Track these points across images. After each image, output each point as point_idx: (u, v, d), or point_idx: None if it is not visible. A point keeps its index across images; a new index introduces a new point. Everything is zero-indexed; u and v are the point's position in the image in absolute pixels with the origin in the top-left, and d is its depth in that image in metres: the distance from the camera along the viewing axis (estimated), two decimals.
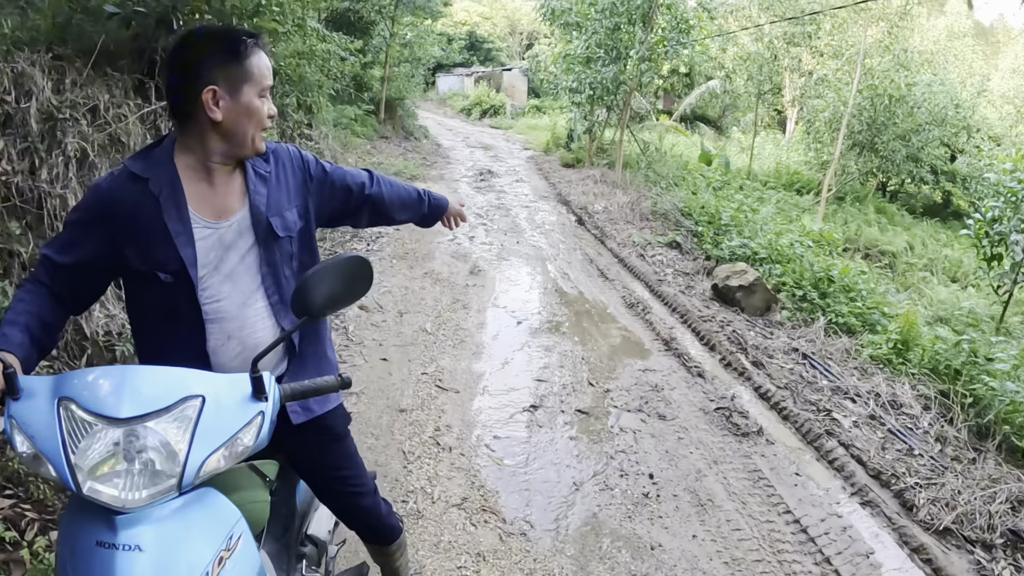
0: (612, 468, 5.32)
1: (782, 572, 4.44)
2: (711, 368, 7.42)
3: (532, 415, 6.00)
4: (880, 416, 6.57)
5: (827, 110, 21.88)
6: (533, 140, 27.66)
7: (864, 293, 9.57)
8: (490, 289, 9.22)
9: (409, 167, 17.80)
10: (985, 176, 11.17)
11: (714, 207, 13.23)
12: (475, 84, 43.33)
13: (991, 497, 5.40)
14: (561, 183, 18.22)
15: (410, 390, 6.14)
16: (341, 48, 13.57)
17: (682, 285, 10.05)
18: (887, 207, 23.19)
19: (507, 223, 13.32)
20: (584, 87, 19.24)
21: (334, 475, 2.70)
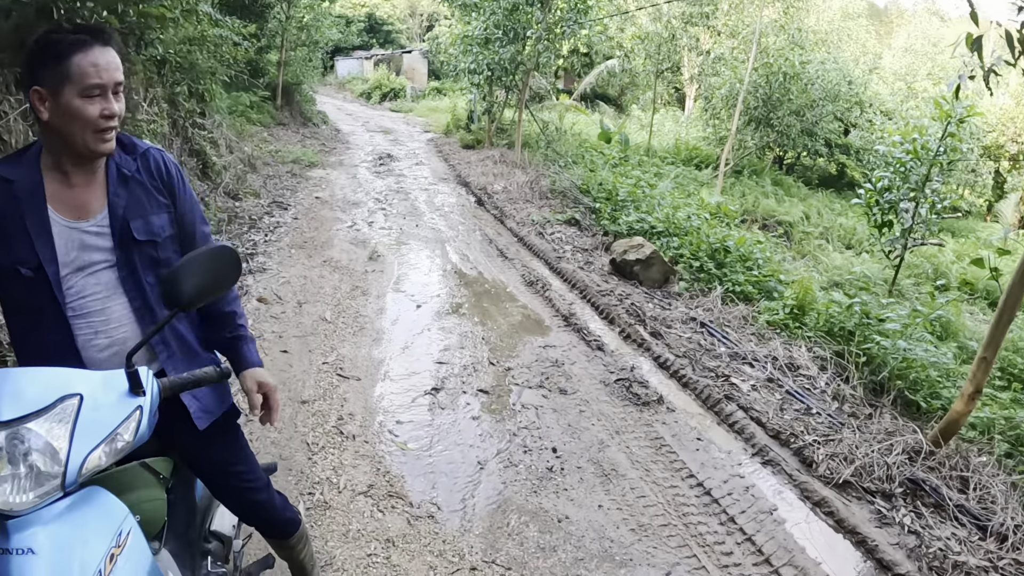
0: (515, 445, 5.33)
1: (688, 534, 4.52)
2: (611, 341, 7.45)
3: (434, 398, 5.97)
4: (778, 379, 6.70)
5: (724, 87, 22.32)
6: (433, 123, 27.49)
7: (760, 262, 9.75)
8: (389, 274, 9.10)
9: (307, 154, 17.46)
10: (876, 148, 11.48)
11: (612, 184, 13.32)
12: (375, 67, 42.79)
13: (888, 449, 5.60)
14: (461, 165, 18.18)
15: (311, 380, 6.03)
16: (235, 33, 13.12)
17: (581, 261, 10.08)
18: (784, 179, 23.76)
19: (406, 207, 13.18)
20: (483, 68, 19.15)
21: (228, 471, 2.68)
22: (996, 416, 6.51)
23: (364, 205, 12.95)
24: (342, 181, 15.21)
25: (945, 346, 8.04)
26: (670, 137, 26.70)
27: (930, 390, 6.75)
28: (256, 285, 7.88)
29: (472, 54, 19.49)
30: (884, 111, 25.48)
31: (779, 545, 4.55)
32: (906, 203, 10.25)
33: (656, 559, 4.28)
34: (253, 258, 8.68)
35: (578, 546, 4.28)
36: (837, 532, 4.83)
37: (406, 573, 3.91)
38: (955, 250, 17.55)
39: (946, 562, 4.55)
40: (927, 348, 7.18)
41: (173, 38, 9.36)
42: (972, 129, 23.11)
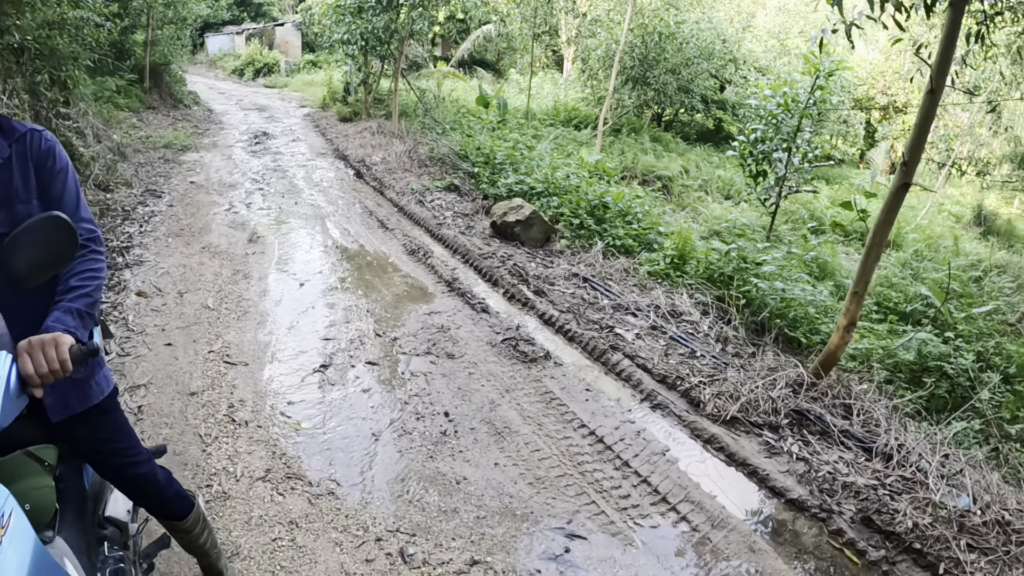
0: (408, 413, 5.37)
1: (585, 482, 4.63)
2: (495, 303, 7.49)
3: (323, 375, 5.92)
4: (661, 326, 6.81)
5: (600, 48, 22.52)
6: (310, 97, 27.01)
7: (640, 216, 9.89)
8: (270, 255, 8.92)
9: (180, 137, 16.91)
10: (749, 102, 11.73)
11: (489, 148, 13.31)
12: (247, 42, 41.60)
13: (772, 384, 5.80)
14: (338, 138, 17.96)
15: (198, 371, 5.87)
16: (96, 13, 12.57)
17: (462, 226, 10.08)
18: (663, 136, 24.05)
19: (284, 185, 12.92)
20: (356, 38, 18.78)
21: (107, 448, 2.64)
22: (874, 346, 6.75)
23: (241, 186, 12.63)
24: (217, 163, 14.80)
25: (822, 285, 8.28)
26: (549, 99, 26.75)
27: (809, 326, 6.95)
28: (134, 279, 7.60)
29: (345, 24, 19.08)
30: (758, 68, 26.01)
31: (674, 483, 4.69)
32: (779, 153, 10.51)
33: (556, 509, 4.37)
34: (129, 251, 8.36)
35: (479, 505, 4.36)
36: (729, 466, 5.00)
37: (313, 552, 3.90)
38: (829, 196, 18.15)
39: (835, 484, 4.75)
40: (804, 288, 7.39)
41: (31, 23, 8.92)
42: (843, 83, 23.84)
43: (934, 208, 21.40)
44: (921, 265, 11.52)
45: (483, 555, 3.98)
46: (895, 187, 5.42)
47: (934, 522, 4.37)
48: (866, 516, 4.47)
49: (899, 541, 4.30)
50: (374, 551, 3.94)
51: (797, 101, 10.22)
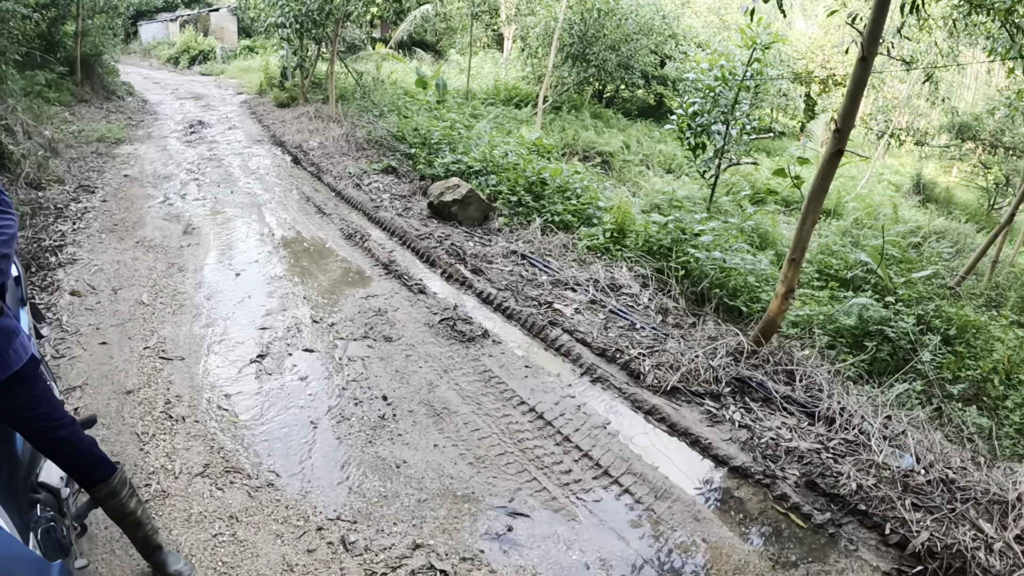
0: (346, 399, 5.35)
1: (526, 459, 4.65)
2: (433, 284, 7.47)
3: (260, 365, 5.86)
4: (601, 300, 6.82)
5: (539, 26, 22.44)
6: (246, 83, 26.58)
7: (579, 191, 9.87)
8: (206, 246, 8.78)
9: (113, 130, 16.54)
10: (686, 76, 11.78)
11: (426, 128, 13.26)
12: (181, 29, 40.87)
13: (712, 353, 5.82)
14: (275, 124, 17.74)
15: (134, 369, 5.74)
16: (23, 5, 12.22)
17: (399, 208, 10.02)
18: (603, 112, 24.18)
19: (220, 174, 12.71)
20: (291, 21, 18.51)
21: (28, 415, 2.82)
22: (816, 313, 6.77)
23: (176, 178, 12.40)
24: (152, 155, 14.51)
25: (763, 255, 8.30)
26: (490, 79, 26.65)
27: (749, 295, 6.98)
28: (67, 278, 7.41)
29: (279, 6, 18.83)
30: (698, 43, 26.09)
31: (616, 456, 4.71)
32: (717, 126, 10.55)
33: (497, 488, 4.39)
34: (62, 250, 8.14)
35: (419, 488, 4.38)
36: (671, 436, 5.03)
37: (254, 546, 3.86)
38: (770, 167, 18.23)
39: (779, 449, 4.78)
40: (744, 257, 7.40)
41: None
42: (781, 56, 24.02)
43: (874, 178, 21.71)
44: (861, 233, 11.63)
45: (425, 538, 3.96)
46: (828, 153, 5.45)
47: (878, 483, 4.42)
48: (810, 480, 4.50)
49: (844, 503, 4.34)
50: (315, 541, 3.91)
51: (734, 74, 10.27)
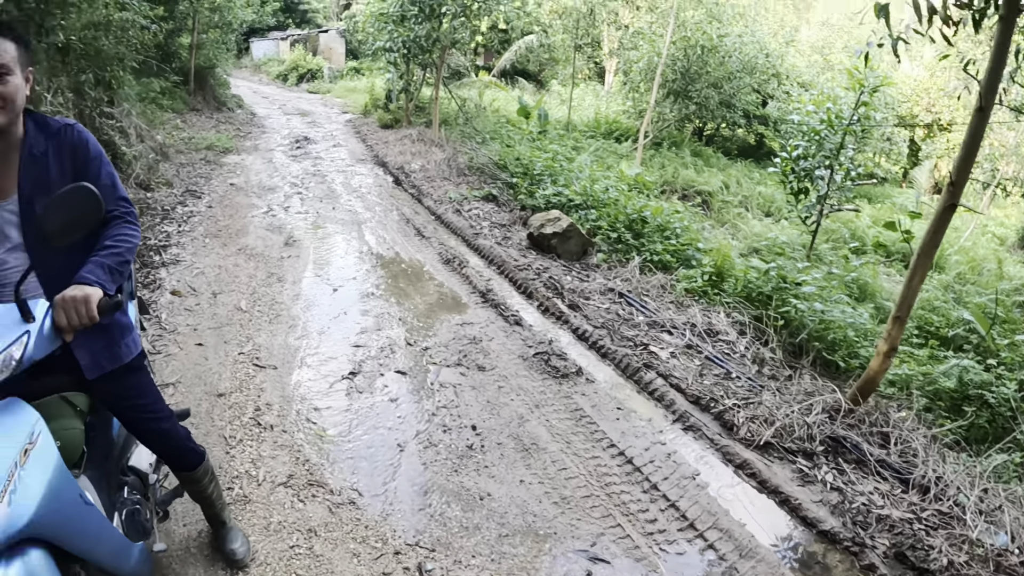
0: (435, 424, 5.29)
1: (611, 504, 4.54)
2: (529, 316, 7.42)
3: (351, 382, 5.86)
4: (697, 345, 6.72)
5: (642, 61, 22.36)
6: (352, 103, 27.07)
7: (678, 231, 9.79)
8: (305, 259, 8.91)
9: (222, 140, 17.04)
10: (791, 118, 11.65)
11: (528, 158, 13.28)
12: (291, 48, 41.99)
13: (808, 409, 5.65)
14: (379, 145, 17.95)
15: (227, 372, 5.85)
16: (142, 16, 12.68)
17: (498, 237, 10.03)
18: (703, 150, 23.88)
19: (323, 190, 12.94)
20: (399, 46, 18.87)
21: (129, 404, 2.94)
22: (914, 372, 6.60)
23: (280, 190, 12.67)
24: (258, 166, 14.87)
25: (862, 307, 8.14)
26: (590, 111, 26.70)
27: (848, 350, 6.82)
28: (170, 278, 7.63)
29: (388, 32, 19.20)
30: (801, 83, 25.75)
31: (703, 509, 4.59)
32: (821, 170, 10.40)
33: (580, 531, 4.29)
34: (166, 250, 8.40)
35: (501, 523, 4.28)
36: (760, 493, 4.88)
37: (330, 562, 3.86)
38: (871, 215, 17.91)
39: (870, 516, 4.62)
40: (844, 310, 7.27)
41: (76, 23, 8.98)
42: (887, 99, 23.57)
43: (978, 229, 21.06)
44: (964, 288, 11.29)
45: (503, 575, 3.92)
46: (942, 207, 5.29)
47: (970, 560, 4.25)
48: (900, 551, 4.35)
49: None
50: (392, 564, 3.89)
51: (840, 117, 10.12)
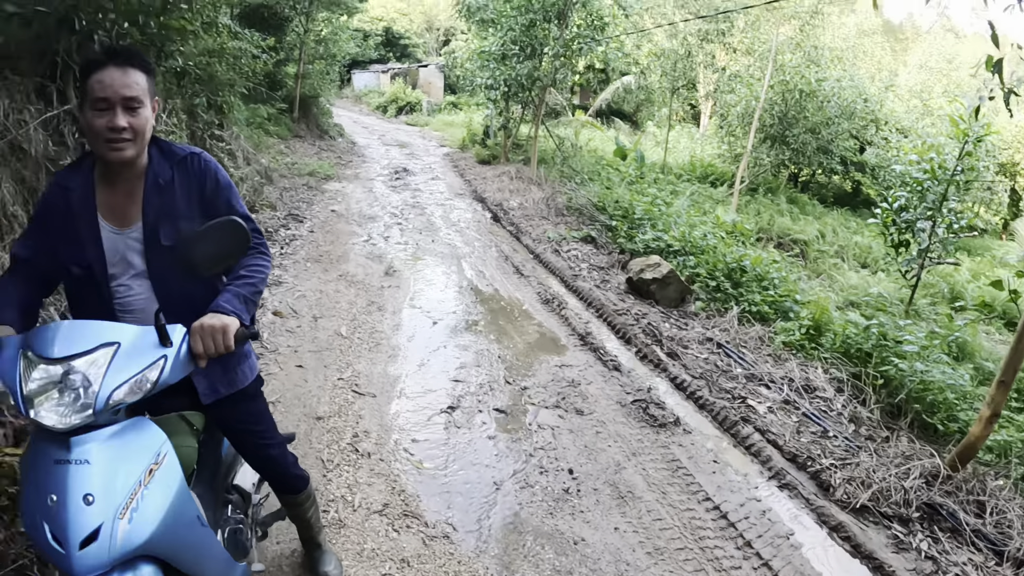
0: (532, 465, 5.29)
1: (704, 558, 4.48)
2: (627, 361, 7.41)
3: (450, 416, 5.92)
4: (795, 400, 6.66)
5: (740, 105, 22.23)
6: (449, 137, 27.46)
7: (776, 281, 9.74)
8: (405, 290, 9.06)
9: (324, 167, 17.51)
10: (892, 167, 11.51)
11: (628, 201, 13.28)
12: (391, 81, 42.87)
13: (905, 473, 5.56)
14: (477, 180, 18.12)
15: (326, 396, 5.99)
16: (254, 46, 13.21)
17: (597, 279, 10.03)
18: (799, 197, 23.57)
19: (422, 222, 13.15)
20: (499, 84, 19.17)
21: (246, 429, 3.07)
22: (1013, 439, 6.47)
23: (380, 219, 12.94)
24: (358, 194, 15.21)
25: (962, 368, 8.00)
26: (685, 154, 26.65)
27: (947, 413, 6.71)
28: (272, 299, 7.88)
29: (489, 70, 19.51)
30: (900, 129, 25.28)
31: (796, 571, 4.52)
32: (923, 222, 10.26)
33: None
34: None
35: (594, 569, 4.24)
36: (854, 557, 4.80)
37: None
38: (971, 269, 17.50)
39: None
40: (944, 370, 7.14)
41: (193, 50, 9.36)
42: (988, 147, 23.00)
43: None
44: None
45: None
46: None
47: None
48: None
49: None
50: None
51: (944, 168, 9.98)
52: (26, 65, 6.04)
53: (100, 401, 2.14)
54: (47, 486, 2.08)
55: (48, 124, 6.05)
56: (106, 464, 2.14)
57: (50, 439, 2.16)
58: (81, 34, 6.26)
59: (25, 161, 5.66)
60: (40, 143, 5.82)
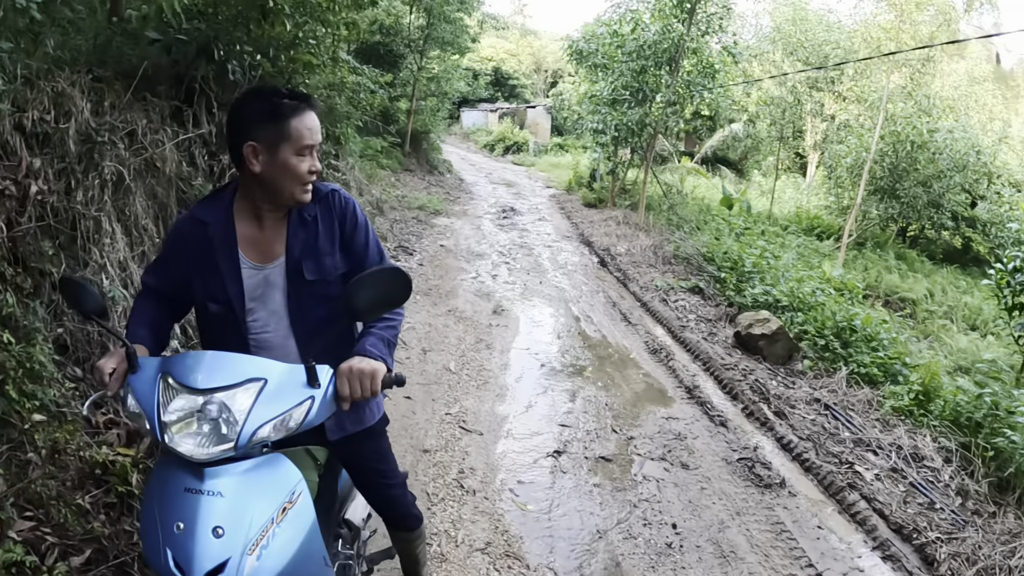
0: (635, 517, 5.28)
1: None
2: (734, 417, 7.40)
3: (556, 461, 5.97)
4: (902, 469, 6.58)
5: (850, 156, 21.85)
6: (555, 178, 27.68)
7: (886, 342, 9.56)
8: (513, 329, 9.22)
9: (433, 201, 17.91)
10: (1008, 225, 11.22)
11: (737, 253, 13.23)
12: (499, 120, 43.49)
13: (1011, 552, 5.44)
14: (583, 223, 18.21)
15: (434, 430, 6.15)
16: (371, 81, 13.72)
17: (704, 332, 10.03)
18: (907, 253, 22.98)
19: (530, 262, 13.35)
20: (609, 128, 19.35)
21: (368, 467, 3.09)
22: None
23: (488, 257, 13.18)
24: (466, 231, 15.50)
25: None
26: (791, 204, 26.42)
27: None
28: None
29: (600, 114, 19.71)
30: (1013, 183, 24.47)
31: None
32: None
33: None
34: None
35: None
36: None
37: None
38: None
39: None
40: None
41: (317, 83, 9.78)
42: None
43: None
44: None
45: None
46: None
47: None
48: None
49: None
50: None
51: None
52: (164, 89, 6.48)
53: (244, 437, 2.17)
54: (174, 512, 2.10)
55: (180, 145, 6.47)
56: (239, 498, 2.15)
57: (181, 466, 2.19)
58: (217, 63, 6.77)
59: (158, 178, 6.02)
60: (173, 163, 6.20)
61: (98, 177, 5.18)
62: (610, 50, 19.22)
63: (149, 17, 6.19)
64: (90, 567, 3.53)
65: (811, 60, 26.21)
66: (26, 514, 3.62)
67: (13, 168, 4.52)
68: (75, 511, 3.77)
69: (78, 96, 5.21)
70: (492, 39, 53.86)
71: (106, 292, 4.92)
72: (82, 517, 3.79)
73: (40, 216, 4.65)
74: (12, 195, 4.45)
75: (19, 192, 4.50)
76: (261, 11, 7.01)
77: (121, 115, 5.61)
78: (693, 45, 17.94)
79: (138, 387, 2.31)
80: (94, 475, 4.05)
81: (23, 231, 4.47)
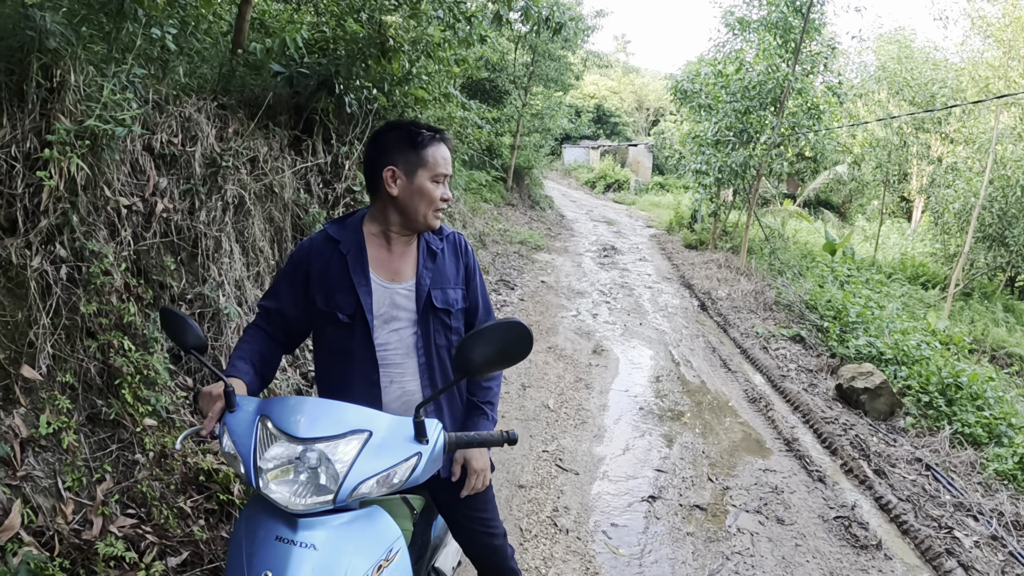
0: (728, 569, 5.20)
1: None
2: (832, 473, 7.24)
3: (650, 506, 5.93)
4: (1002, 537, 6.35)
5: (957, 200, 21.28)
6: (656, 218, 27.70)
7: (992, 401, 9.25)
8: (613, 370, 9.22)
9: (534, 236, 18.05)
10: None
11: (841, 302, 12.98)
12: (600, 157, 43.73)
13: None
14: (684, 265, 18.17)
15: (530, 466, 6.18)
16: (478, 116, 13.99)
17: (805, 382, 9.85)
18: (1016, 305, 22.05)
19: (630, 303, 13.35)
20: (712, 170, 19.29)
21: (471, 515, 3.02)
22: None
23: (588, 296, 13.23)
24: (567, 268, 15.57)
25: None
26: (895, 251, 25.83)
27: None
28: None
29: (704, 155, 19.66)
30: None
31: None
32: None
33: None
34: None
35: None
36: None
37: None
38: None
39: None
40: None
41: (428, 117, 10.03)
42: None
43: None
44: None
45: None
46: None
47: None
48: None
49: None
50: None
51: None
52: (284, 119, 6.87)
53: (344, 491, 2.08)
54: (263, 560, 2.03)
55: (298, 173, 6.82)
56: (333, 553, 2.06)
57: (274, 513, 2.13)
58: (336, 97, 7.11)
59: (276, 203, 6.37)
60: (291, 189, 6.56)
61: (221, 199, 5.52)
62: (714, 90, 19.27)
63: (272, 50, 6.52)
64: (186, 568, 3.70)
65: (917, 100, 25.52)
66: (128, 511, 3.84)
67: (141, 186, 4.85)
68: (176, 513, 3.97)
69: (204, 121, 5.57)
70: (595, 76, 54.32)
71: (222, 308, 5.22)
72: (182, 520, 3.99)
73: (164, 232, 4.96)
74: (139, 211, 4.77)
75: (146, 209, 4.83)
76: (380, 48, 7.29)
77: (244, 142, 5.96)
78: (798, 85, 17.81)
79: (234, 428, 2.27)
80: (197, 481, 4.26)
81: (147, 245, 4.78)
